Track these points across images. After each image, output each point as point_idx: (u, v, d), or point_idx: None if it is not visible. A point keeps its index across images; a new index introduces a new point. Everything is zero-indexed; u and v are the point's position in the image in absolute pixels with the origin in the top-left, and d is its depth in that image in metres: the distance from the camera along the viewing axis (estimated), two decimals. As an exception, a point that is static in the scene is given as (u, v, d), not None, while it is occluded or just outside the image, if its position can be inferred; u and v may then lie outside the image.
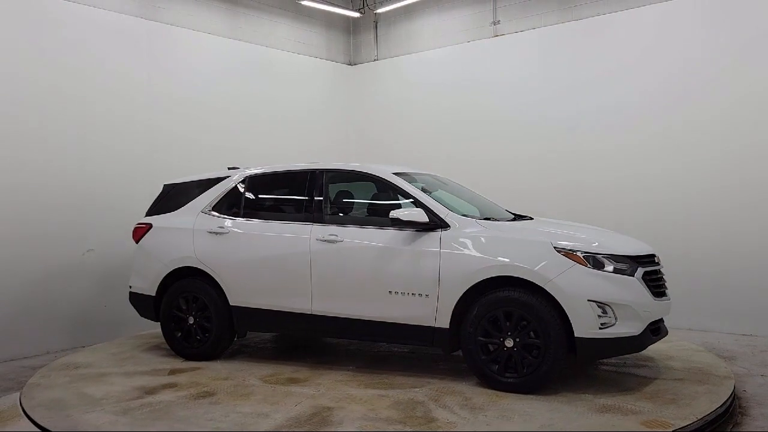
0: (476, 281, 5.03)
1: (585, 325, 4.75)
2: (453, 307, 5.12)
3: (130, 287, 6.66)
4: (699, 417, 4.35)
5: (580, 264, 4.84)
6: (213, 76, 9.16)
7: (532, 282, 4.87)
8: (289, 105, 10.14)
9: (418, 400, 4.81)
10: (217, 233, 6.11)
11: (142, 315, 6.67)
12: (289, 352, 6.62)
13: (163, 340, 6.85)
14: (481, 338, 5.03)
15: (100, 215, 7.74)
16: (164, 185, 6.84)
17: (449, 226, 5.26)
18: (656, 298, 5.05)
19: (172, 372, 5.76)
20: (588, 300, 4.75)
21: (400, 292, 5.31)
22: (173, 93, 8.66)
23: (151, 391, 5.18)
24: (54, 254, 7.42)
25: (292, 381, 5.42)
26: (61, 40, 7.57)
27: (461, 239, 5.19)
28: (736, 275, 7.51)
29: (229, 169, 6.82)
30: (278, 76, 10.05)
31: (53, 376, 5.70)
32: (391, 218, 5.29)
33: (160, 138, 8.45)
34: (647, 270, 5.07)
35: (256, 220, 6.08)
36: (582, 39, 8.69)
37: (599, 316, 4.77)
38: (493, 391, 4.94)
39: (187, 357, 6.19)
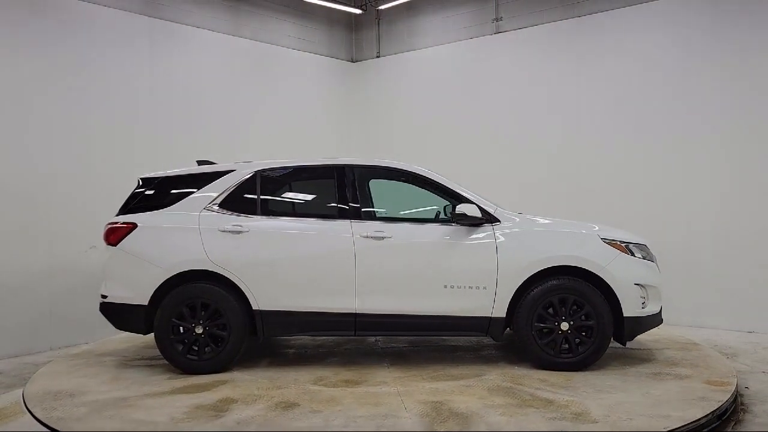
0: (535, 271, 5.42)
1: (631, 306, 5.44)
2: (511, 297, 5.45)
3: (105, 297, 5.71)
4: (733, 374, 5.30)
5: (623, 252, 5.52)
6: (215, 73, 9.38)
7: (587, 270, 5.41)
8: (291, 102, 10.32)
9: (505, 386, 5.03)
10: (234, 232, 5.57)
11: (121, 328, 5.79)
12: (290, 356, 6.25)
13: (125, 355, 6.30)
14: (538, 324, 5.43)
15: (103, 211, 6.75)
16: (141, 179, 5.99)
17: (499, 221, 5.57)
18: (658, 281, 5.95)
19: (200, 388, 5.11)
20: (634, 284, 5.45)
21: (456, 286, 5.46)
22: (175, 90, 8.88)
23: (218, 408, 4.61)
24: (57, 251, 7.62)
25: (351, 383, 5.22)
26: (62, 37, 7.75)
27: (515, 233, 5.53)
28: (737, 272, 7.70)
29: (198, 163, 6.25)
30: (280, 72, 10.23)
31: (60, 408, 4.70)
32: (457, 213, 5.43)
33: (162, 134, 8.64)
34: (652, 256, 5.96)
35: (280, 218, 5.69)
36: (584, 36, 8.89)
37: (640, 297, 5.49)
38: (554, 372, 5.36)
39: (192, 371, 5.51)
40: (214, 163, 6.27)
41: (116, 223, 5.74)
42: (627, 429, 4.05)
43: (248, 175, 5.82)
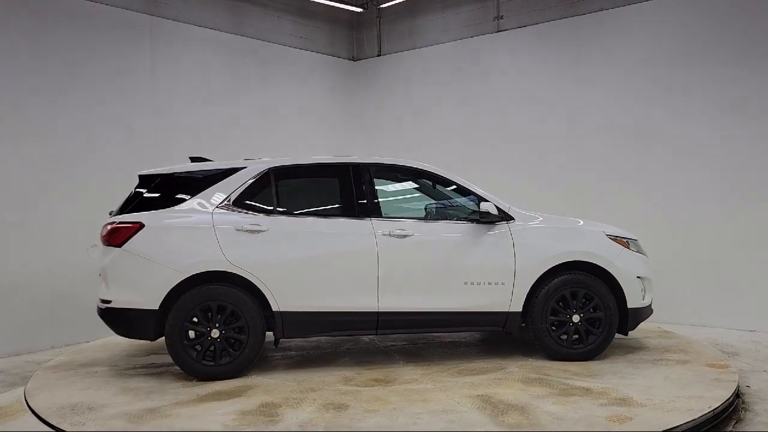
0: (551, 266, 5.65)
1: (634, 298, 5.81)
2: (527, 291, 5.65)
3: (108, 302, 5.32)
4: (724, 356, 5.81)
5: (625, 247, 5.88)
6: (216, 71, 9.37)
7: (597, 265, 5.71)
8: (292, 100, 10.31)
9: (534, 377, 5.21)
10: (251, 231, 5.38)
11: (126, 335, 5.47)
12: (296, 358, 6.10)
13: (114, 364, 6.01)
14: (552, 317, 5.67)
15: (103, 211, 6.30)
16: (141, 176, 5.63)
17: (513, 218, 5.76)
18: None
19: (228, 394, 4.89)
20: (636, 277, 5.82)
21: (476, 282, 5.58)
22: (176, 88, 8.87)
23: (266, 413, 4.44)
24: (57, 250, 7.59)
25: (382, 381, 5.20)
26: (63, 35, 7.74)
27: (530, 230, 5.75)
28: (738, 271, 7.68)
29: (191, 160, 6.01)
30: (281, 71, 10.13)
31: (89, 422, 4.34)
32: (482, 211, 5.55)
33: (163, 133, 8.62)
34: (640, 250, 6.38)
35: (299, 217, 5.56)
36: (585, 34, 8.89)
37: (641, 289, 5.88)
38: (568, 362, 5.62)
39: (209, 377, 5.26)
40: (208, 160, 6.04)
41: (119, 222, 5.37)
42: (675, 411, 4.34)
43: (262, 173, 5.64)
